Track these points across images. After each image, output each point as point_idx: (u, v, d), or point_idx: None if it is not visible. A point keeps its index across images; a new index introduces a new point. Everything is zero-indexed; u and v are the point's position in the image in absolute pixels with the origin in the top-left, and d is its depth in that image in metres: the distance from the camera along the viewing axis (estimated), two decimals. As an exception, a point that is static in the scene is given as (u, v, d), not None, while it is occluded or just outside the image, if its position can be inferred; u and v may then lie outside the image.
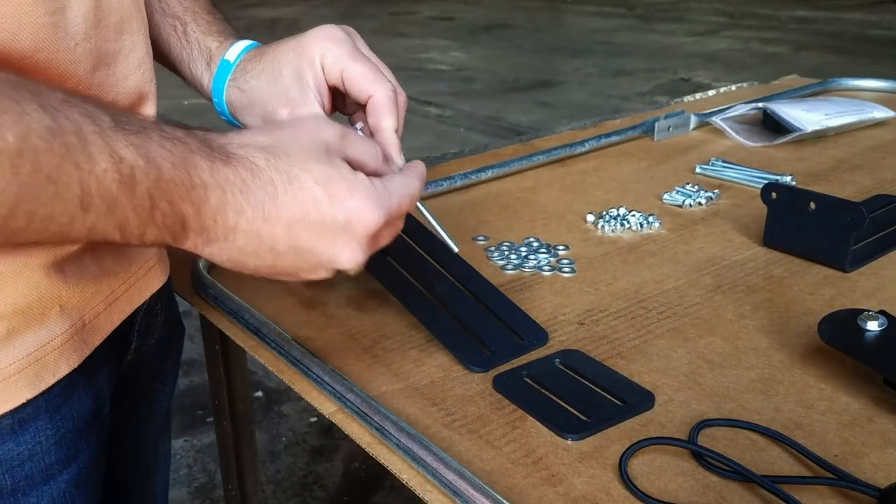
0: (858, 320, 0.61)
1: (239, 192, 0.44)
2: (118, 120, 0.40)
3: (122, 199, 0.40)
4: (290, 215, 0.46)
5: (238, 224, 0.45)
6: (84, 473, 0.56)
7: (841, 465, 0.51)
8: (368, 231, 0.48)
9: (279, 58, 0.59)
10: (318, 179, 0.46)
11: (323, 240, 0.47)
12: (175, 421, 2.01)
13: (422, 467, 0.51)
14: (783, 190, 0.82)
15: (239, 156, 0.45)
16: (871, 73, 1.54)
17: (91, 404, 0.56)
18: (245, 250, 0.46)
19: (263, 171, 0.45)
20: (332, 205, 0.46)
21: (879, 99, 1.33)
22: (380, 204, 0.48)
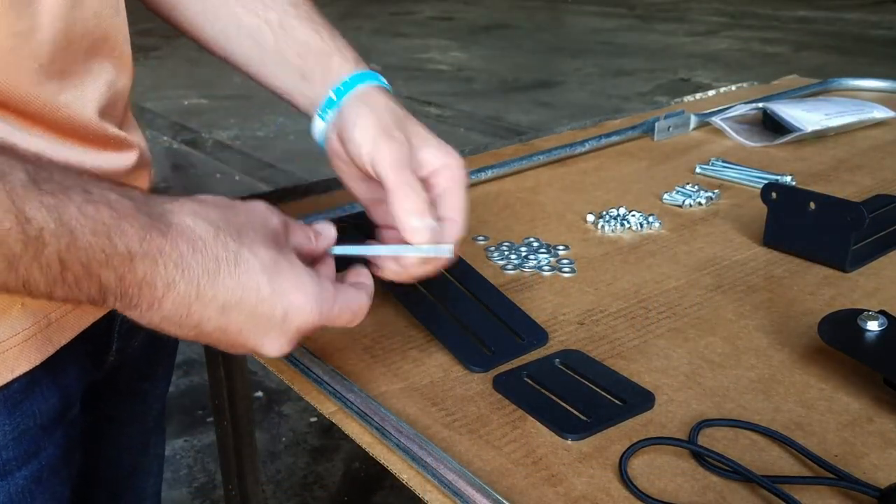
0: (858, 320, 0.61)
1: (173, 264, 0.42)
2: (37, 178, 0.39)
3: (25, 259, 0.39)
4: (226, 298, 0.44)
5: (166, 296, 0.43)
6: (46, 471, 0.56)
7: (841, 465, 0.51)
8: (301, 329, 0.47)
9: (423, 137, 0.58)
10: (265, 266, 0.45)
11: (254, 328, 0.46)
12: (175, 421, 2.02)
13: (422, 467, 0.51)
14: (783, 190, 0.82)
15: (182, 227, 0.43)
16: (871, 73, 1.54)
17: (56, 402, 0.56)
18: (168, 320, 0.44)
19: (208, 247, 0.44)
20: (273, 295, 0.45)
21: (879, 99, 1.33)
22: (321, 306, 0.47)
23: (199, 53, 2.38)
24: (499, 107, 4.90)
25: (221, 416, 0.97)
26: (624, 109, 3.33)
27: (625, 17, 7.96)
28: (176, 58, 6.39)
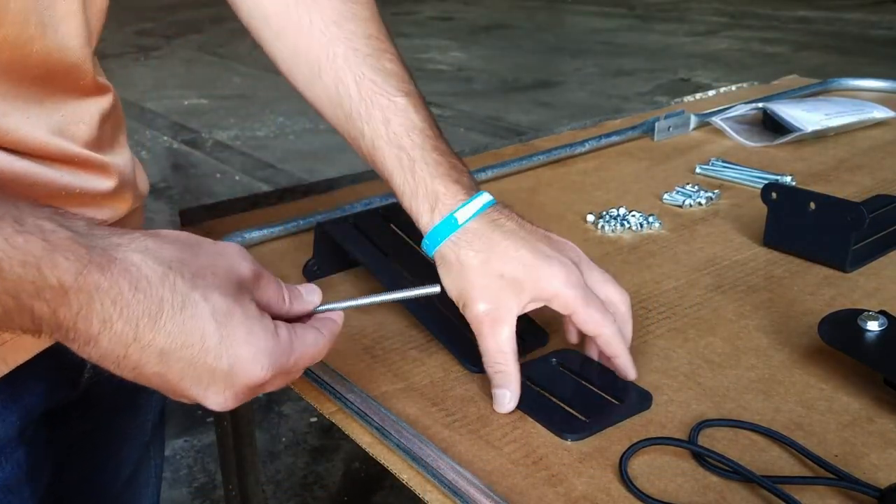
0: (858, 320, 0.61)
1: (110, 301, 0.40)
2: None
3: None
4: (167, 343, 0.41)
5: (101, 334, 0.40)
6: (3, 490, 0.54)
7: (841, 466, 0.51)
8: (249, 385, 0.44)
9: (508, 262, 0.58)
10: (215, 312, 0.42)
11: (196, 378, 0.43)
12: (175, 421, 2.02)
13: (422, 467, 0.51)
14: (783, 190, 0.82)
15: (125, 262, 0.41)
16: (871, 73, 1.54)
17: (15, 421, 0.54)
18: (106, 359, 0.42)
19: (153, 287, 0.41)
20: (220, 345, 0.42)
21: (879, 99, 1.33)
22: (274, 358, 0.44)
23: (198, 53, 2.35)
24: (499, 107, 4.90)
25: (221, 416, 0.97)
26: (624, 109, 3.32)
27: (625, 17, 7.96)
28: (176, 58, 6.39)
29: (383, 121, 0.63)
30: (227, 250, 0.46)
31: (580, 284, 0.58)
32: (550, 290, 0.57)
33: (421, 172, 0.61)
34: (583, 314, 0.57)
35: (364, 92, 0.63)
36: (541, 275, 0.58)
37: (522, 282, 0.58)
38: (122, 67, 5.85)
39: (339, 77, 0.64)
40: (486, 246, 0.59)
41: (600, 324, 0.58)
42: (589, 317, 0.57)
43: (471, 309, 0.58)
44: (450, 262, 0.60)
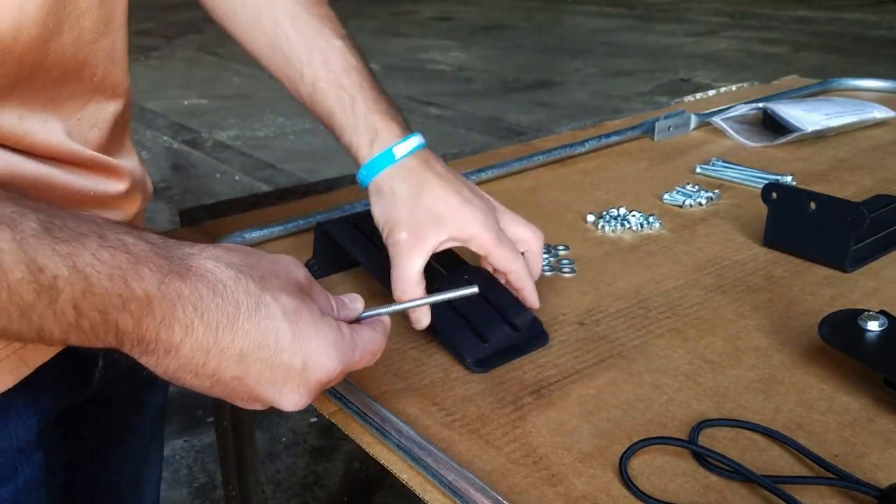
0: (859, 320, 0.61)
1: (191, 307, 0.41)
2: (49, 226, 0.39)
3: (38, 308, 0.38)
4: (244, 344, 0.43)
5: (183, 342, 0.42)
6: (23, 493, 0.55)
7: (841, 465, 0.51)
8: (321, 380, 0.46)
9: (436, 200, 0.64)
10: (286, 312, 0.44)
11: (273, 379, 0.44)
12: (175, 421, 2.02)
13: (422, 467, 0.51)
14: (783, 190, 0.82)
15: (201, 269, 0.42)
16: (871, 73, 1.54)
17: (34, 423, 0.55)
18: (185, 368, 0.43)
19: (229, 291, 0.43)
20: (293, 342, 0.44)
21: (879, 99, 1.33)
22: (341, 352, 0.46)
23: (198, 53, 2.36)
24: (499, 107, 4.90)
25: (221, 416, 0.97)
26: (624, 110, 3.33)
27: (625, 17, 7.96)
28: (176, 58, 6.40)
29: (323, 62, 0.67)
30: (282, 259, 0.48)
31: (495, 228, 0.64)
32: (469, 231, 0.63)
33: (360, 109, 0.66)
34: (496, 254, 0.64)
35: (303, 36, 0.68)
36: (462, 216, 0.63)
37: (445, 220, 0.63)
38: (122, 67, 5.84)
39: (279, 22, 0.68)
40: (418, 182, 0.64)
41: (511, 261, 0.65)
42: (501, 256, 0.64)
43: (393, 235, 0.63)
44: (383, 192, 0.65)
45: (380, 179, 0.65)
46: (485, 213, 0.64)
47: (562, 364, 0.63)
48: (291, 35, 0.68)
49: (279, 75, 0.70)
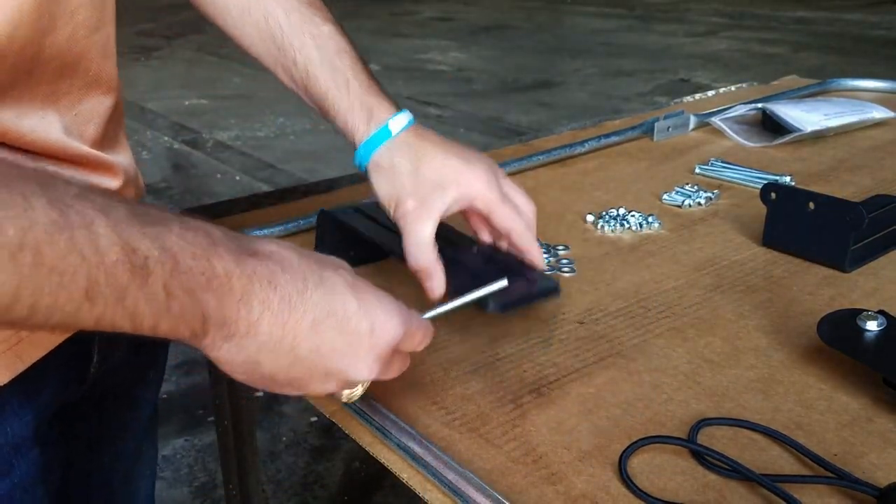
0: (858, 320, 0.61)
1: (266, 282, 0.44)
2: (136, 212, 0.41)
3: (132, 290, 0.40)
4: (317, 313, 0.46)
5: (262, 317, 0.44)
6: (18, 490, 0.55)
7: (840, 465, 0.51)
8: (389, 343, 0.49)
9: (438, 166, 0.64)
10: (348, 284, 0.48)
11: (345, 345, 0.47)
12: (175, 420, 2.02)
13: (422, 466, 0.51)
14: (782, 190, 0.82)
15: (267, 251, 0.46)
16: (871, 73, 1.54)
17: (30, 419, 0.55)
18: (264, 348, 0.45)
19: (295, 268, 0.46)
20: (359, 309, 0.47)
21: (879, 99, 1.33)
22: (402, 318, 0.50)
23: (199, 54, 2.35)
24: (499, 107, 4.90)
25: (222, 415, 0.98)
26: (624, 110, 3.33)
27: (624, 17, 7.96)
28: (176, 58, 6.40)
29: (315, 47, 0.68)
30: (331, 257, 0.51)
31: (498, 187, 0.65)
32: (474, 191, 0.64)
33: (355, 89, 0.67)
34: (500, 212, 0.65)
35: (294, 22, 0.69)
36: (466, 178, 0.64)
37: (449, 184, 0.64)
38: (122, 67, 5.77)
39: (268, 11, 0.69)
40: (417, 153, 0.65)
41: (515, 220, 0.65)
42: (505, 215, 0.65)
43: (401, 207, 0.64)
44: (384, 167, 0.66)
45: (378, 156, 0.66)
46: (487, 173, 0.65)
47: (561, 363, 0.64)
48: (283, 23, 0.69)
49: (272, 65, 0.71)
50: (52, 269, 0.37)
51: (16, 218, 0.36)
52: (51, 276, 0.37)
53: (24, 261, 0.36)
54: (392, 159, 0.65)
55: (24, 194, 0.37)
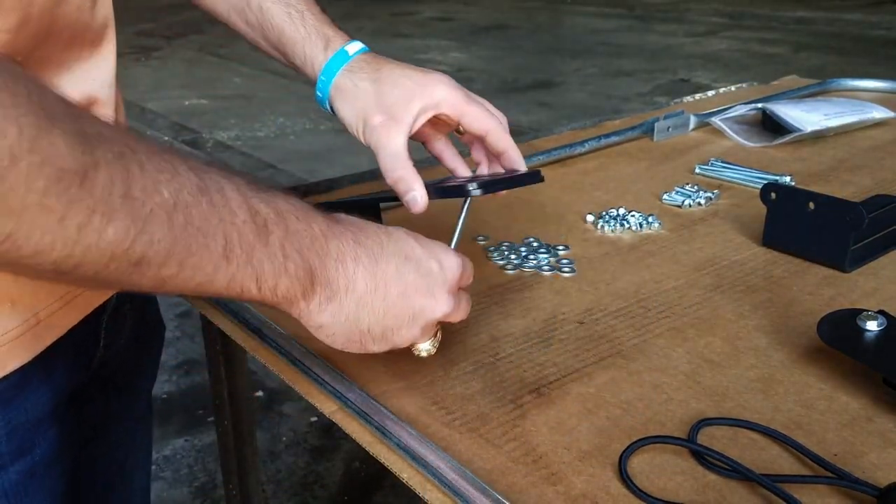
0: (858, 320, 0.61)
1: (353, 241, 0.50)
2: (249, 181, 0.45)
3: (258, 248, 0.44)
4: (397, 261, 0.51)
5: (356, 272, 0.49)
6: (40, 466, 0.57)
7: (840, 465, 0.51)
8: (455, 275, 0.54)
9: (397, 78, 0.65)
10: (408, 232, 0.54)
11: (424, 284, 0.52)
12: (175, 420, 2.02)
13: (422, 466, 0.51)
14: (782, 190, 0.82)
15: (343, 218, 0.51)
16: (871, 73, 1.54)
17: (48, 399, 0.57)
18: (362, 301, 0.50)
19: (367, 228, 0.51)
20: (424, 250, 0.53)
21: (879, 99, 1.33)
22: (458, 258, 0.55)
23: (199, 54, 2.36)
24: (499, 107, 4.88)
25: (222, 415, 0.97)
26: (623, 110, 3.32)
27: (624, 17, 7.96)
28: (176, 58, 6.39)
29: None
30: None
31: (461, 88, 0.66)
32: (438, 95, 0.64)
33: (311, 20, 0.69)
34: (469, 112, 0.65)
35: None
36: (426, 84, 0.65)
37: (412, 93, 0.64)
38: (122, 67, 5.79)
39: None
40: (376, 70, 0.66)
41: (488, 118, 0.65)
42: (475, 114, 0.65)
43: (369, 123, 0.64)
44: (346, 89, 0.66)
45: (339, 80, 0.67)
46: (448, 80, 0.66)
47: (561, 363, 0.64)
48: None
49: (223, 12, 0.73)
50: (198, 229, 0.40)
51: (168, 182, 0.39)
52: (197, 235, 0.40)
53: (177, 221, 0.39)
54: (353, 80, 0.66)
55: (170, 161, 0.40)
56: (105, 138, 0.37)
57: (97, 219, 0.36)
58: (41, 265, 0.36)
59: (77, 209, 0.35)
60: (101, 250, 0.37)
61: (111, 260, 0.37)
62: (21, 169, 0.33)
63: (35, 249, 0.35)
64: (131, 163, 0.37)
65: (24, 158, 0.33)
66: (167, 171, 0.39)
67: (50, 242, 0.35)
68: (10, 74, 0.34)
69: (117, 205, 0.36)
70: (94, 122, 0.38)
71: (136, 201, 0.37)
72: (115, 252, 0.37)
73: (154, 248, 0.39)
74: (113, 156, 0.37)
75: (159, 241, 0.39)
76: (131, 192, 0.37)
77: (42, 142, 0.33)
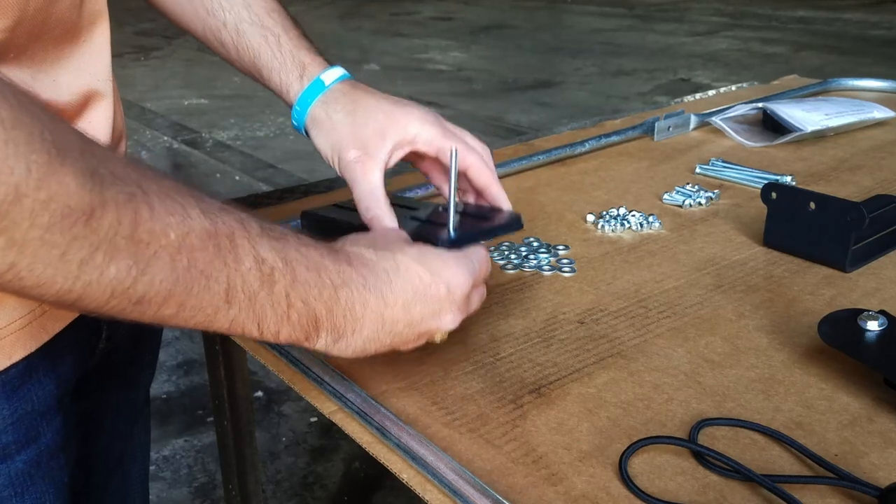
0: (858, 320, 0.61)
1: (362, 286, 0.50)
2: (263, 227, 0.46)
3: (261, 295, 0.44)
4: (404, 296, 0.52)
5: (364, 315, 0.50)
6: (45, 455, 0.58)
7: (841, 465, 0.51)
8: (464, 294, 0.54)
9: (371, 110, 0.64)
10: (415, 258, 0.53)
11: (431, 311, 0.53)
12: (175, 421, 2.02)
13: (422, 467, 0.51)
14: (783, 190, 0.82)
15: (354, 254, 0.51)
16: (871, 73, 1.54)
17: (53, 388, 0.58)
18: (369, 339, 0.51)
19: (376, 264, 0.51)
20: (432, 277, 0.53)
21: (879, 99, 1.33)
22: (468, 269, 0.55)
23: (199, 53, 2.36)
24: (499, 107, 4.90)
25: (221, 415, 0.97)
26: (624, 109, 3.32)
27: (624, 17, 7.96)
28: (176, 58, 6.39)
29: (244, 5, 0.69)
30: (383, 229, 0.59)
31: (438, 122, 0.64)
32: (412, 131, 0.63)
33: (287, 46, 0.68)
34: (447, 148, 0.63)
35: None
36: (400, 119, 0.63)
37: (386, 128, 0.63)
38: (122, 67, 5.85)
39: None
40: (352, 102, 0.65)
41: (467, 154, 0.63)
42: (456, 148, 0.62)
43: (343, 158, 0.63)
44: (321, 121, 0.65)
45: (314, 110, 0.66)
46: (423, 111, 0.64)
47: (562, 363, 0.63)
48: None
49: (202, 31, 0.71)
50: (201, 272, 0.41)
51: (177, 225, 0.40)
52: (199, 278, 0.41)
53: (180, 263, 0.40)
54: (327, 111, 0.65)
55: (183, 204, 0.41)
56: (118, 178, 0.38)
57: (99, 256, 0.37)
58: (44, 296, 0.37)
59: (79, 246, 0.36)
60: (101, 287, 0.38)
61: (111, 297, 0.38)
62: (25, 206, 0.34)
63: (37, 281, 0.36)
64: (141, 204, 0.38)
65: (29, 196, 0.34)
66: (177, 214, 0.40)
67: (51, 276, 0.36)
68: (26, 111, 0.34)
69: (121, 245, 0.37)
70: (110, 161, 0.38)
71: (140, 243, 0.38)
72: (115, 290, 0.38)
73: (155, 289, 0.40)
74: (123, 197, 0.37)
75: (161, 281, 0.39)
76: (137, 233, 0.38)
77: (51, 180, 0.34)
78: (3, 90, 0.34)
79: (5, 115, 0.33)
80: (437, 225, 0.62)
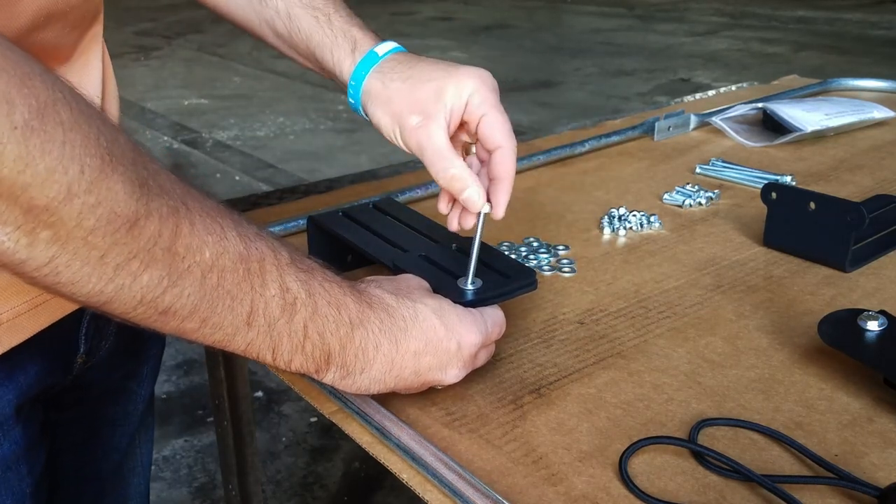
0: (858, 320, 0.61)
1: (378, 329, 0.51)
2: (293, 257, 0.48)
3: (281, 323, 0.46)
4: (417, 346, 0.53)
5: (375, 357, 0.51)
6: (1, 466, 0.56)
7: (841, 465, 0.51)
8: (472, 352, 0.56)
9: (428, 72, 0.63)
10: (434, 310, 0.54)
11: (439, 363, 0.54)
12: (175, 421, 2.02)
13: (422, 467, 0.51)
14: (783, 190, 0.82)
15: (377, 297, 0.53)
16: (871, 73, 1.54)
17: (11, 399, 0.56)
18: (375, 380, 0.53)
19: (396, 310, 0.53)
20: (447, 332, 0.54)
21: (879, 99, 1.33)
22: (480, 329, 0.56)
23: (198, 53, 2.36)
24: (499, 107, 4.89)
25: (222, 416, 0.97)
26: (624, 109, 3.32)
27: (624, 17, 7.96)
28: (176, 58, 6.39)
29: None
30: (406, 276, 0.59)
31: (496, 90, 0.62)
32: (470, 86, 0.61)
33: (338, 23, 0.68)
34: (495, 117, 0.61)
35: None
36: (459, 76, 0.62)
37: (443, 87, 0.61)
38: (122, 67, 5.85)
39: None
40: (407, 69, 0.63)
41: (509, 134, 0.61)
42: (500, 123, 0.61)
43: (405, 127, 0.62)
44: (377, 92, 0.64)
45: (369, 82, 0.64)
46: (483, 72, 0.63)
47: (562, 363, 0.63)
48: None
49: (259, 25, 0.72)
50: (227, 293, 0.43)
51: (214, 244, 0.42)
52: (225, 298, 0.43)
53: (210, 281, 0.42)
54: (383, 81, 0.63)
55: (222, 225, 0.43)
56: (164, 192, 0.39)
57: (135, 264, 0.38)
58: (75, 294, 0.38)
59: (119, 251, 0.37)
60: (132, 293, 0.39)
61: (139, 304, 0.40)
62: (74, 205, 0.35)
63: (72, 279, 0.37)
64: (183, 220, 0.40)
65: (80, 197, 0.35)
66: (215, 234, 0.42)
67: (87, 275, 0.37)
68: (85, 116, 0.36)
69: (158, 256, 0.39)
70: (159, 174, 0.40)
71: (176, 256, 0.40)
72: (144, 297, 0.40)
73: (182, 302, 0.41)
74: (167, 210, 0.39)
75: (189, 295, 0.41)
76: (175, 246, 0.39)
77: (101, 185, 0.36)
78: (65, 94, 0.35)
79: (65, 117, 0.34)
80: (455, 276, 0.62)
